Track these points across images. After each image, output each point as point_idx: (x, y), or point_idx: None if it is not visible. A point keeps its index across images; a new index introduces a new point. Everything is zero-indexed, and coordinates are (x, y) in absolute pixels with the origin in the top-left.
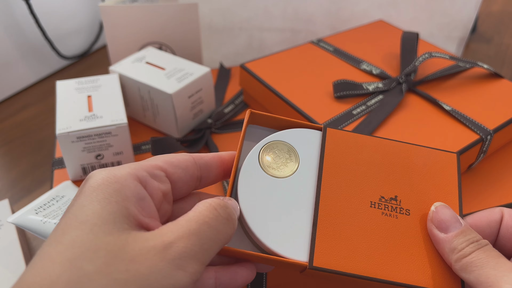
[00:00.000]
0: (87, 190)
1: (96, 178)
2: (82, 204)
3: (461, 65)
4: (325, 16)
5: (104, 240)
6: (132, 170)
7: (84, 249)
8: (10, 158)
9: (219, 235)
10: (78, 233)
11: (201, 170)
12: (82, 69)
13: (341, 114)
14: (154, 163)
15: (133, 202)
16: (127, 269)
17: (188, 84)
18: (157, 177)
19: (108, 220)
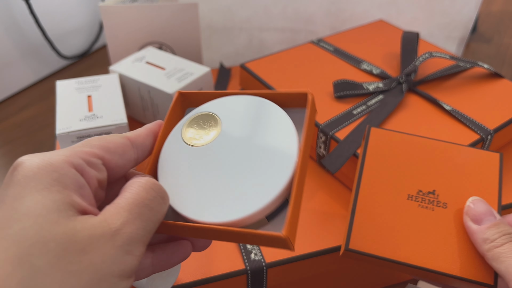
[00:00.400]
0: (22, 180)
1: (30, 166)
2: (19, 195)
3: (461, 65)
4: (325, 16)
5: (51, 231)
6: (68, 158)
7: (32, 243)
8: (10, 158)
9: (158, 214)
10: (22, 226)
11: (138, 152)
12: (82, 69)
13: (341, 114)
14: (90, 150)
15: (74, 190)
16: (79, 260)
17: (188, 84)
18: (93, 165)
19: (53, 209)
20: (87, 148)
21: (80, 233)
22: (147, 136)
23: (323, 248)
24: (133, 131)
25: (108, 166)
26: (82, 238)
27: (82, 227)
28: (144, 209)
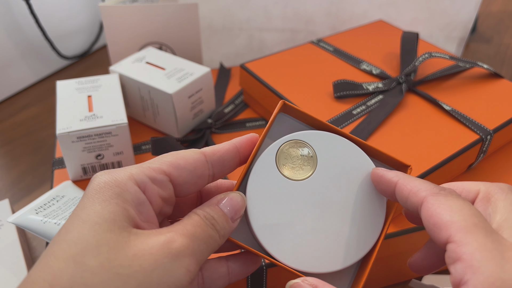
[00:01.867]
0: (90, 192)
1: (99, 181)
2: (84, 205)
3: (461, 65)
4: (325, 16)
5: (105, 236)
6: (133, 175)
7: (87, 245)
8: (10, 158)
9: (210, 239)
10: (80, 231)
11: (214, 168)
12: (82, 69)
13: (341, 114)
14: (158, 166)
15: (132, 206)
16: (130, 264)
17: (188, 84)
18: (158, 182)
19: (109, 219)
20: (155, 164)
21: (133, 241)
22: (228, 152)
23: None
24: (213, 146)
25: (175, 182)
26: (135, 245)
27: (135, 236)
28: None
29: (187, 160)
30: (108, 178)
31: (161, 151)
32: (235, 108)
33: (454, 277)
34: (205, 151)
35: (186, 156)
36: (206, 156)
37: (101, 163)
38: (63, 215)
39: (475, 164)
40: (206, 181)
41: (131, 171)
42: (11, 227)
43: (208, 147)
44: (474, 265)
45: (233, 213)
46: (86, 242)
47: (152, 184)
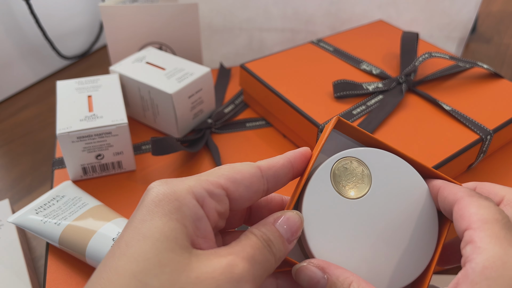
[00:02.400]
0: (149, 205)
1: (157, 192)
2: (144, 219)
3: (461, 65)
4: (325, 16)
5: (168, 256)
6: (192, 188)
7: (149, 264)
8: (10, 158)
9: (267, 262)
10: (141, 247)
11: (269, 183)
12: (82, 69)
13: (341, 114)
14: (216, 180)
15: (190, 221)
16: (193, 286)
17: (188, 84)
18: (215, 197)
19: (170, 237)
20: (213, 177)
21: (195, 262)
22: (282, 167)
23: None
24: (268, 160)
25: (231, 197)
26: (197, 266)
27: (196, 258)
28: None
29: (244, 174)
30: (167, 190)
31: (161, 151)
32: (235, 108)
33: (463, 258)
34: (261, 166)
35: (243, 171)
36: (262, 171)
37: (101, 163)
38: (63, 215)
39: (475, 164)
40: (260, 196)
41: (189, 184)
42: (11, 227)
43: (264, 161)
44: (481, 246)
45: (290, 234)
46: (148, 260)
47: (210, 198)
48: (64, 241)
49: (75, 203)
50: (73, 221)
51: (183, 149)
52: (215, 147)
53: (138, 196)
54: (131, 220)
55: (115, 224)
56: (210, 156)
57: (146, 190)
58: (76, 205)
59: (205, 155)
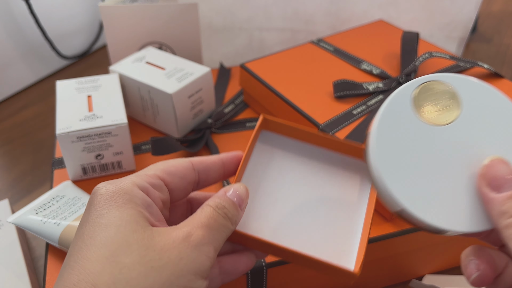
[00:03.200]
0: (101, 201)
1: (105, 190)
2: (100, 213)
3: (461, 65)
4: (325, 16)
5: (133, 236)
6: (135, 182)
7: (117, 246)
8: (10, 158)
9: (223, 227)
10: (106, 234)
11: (200, 175)
12: (82, 69)
13: (341, 114)
14: (153, 173)
15: (144, 208)
16: (160, 257)
17: (188, 84)
18: (157, 187)
19: (130, 221)
20: (151, 171)
21: (157, 237)
22: (213, 164)
23: None
24: (201, 157)
25: (169, 187)
26: (159, 240)
27: (157, 233)
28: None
29: (177, 167)
30: (114, 187)
31: (161, 151)
32: (235, 108)
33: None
34: (192, 160)
35: (176, 164)
36: (193, 164)
37: (101, 163)
38: (62, 215)
39: None
40: (192, 187)
41: (132, 179)
42: (11, 227)
43: (196, 157)
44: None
45: (240, 201)
46: (116, 243)
47: (152, 188)
48: (64, 241)
49: (74, 203)
50: (72, 221)
51: (183, 149)
52: (215, 147)
53: None
54: (86, 219)
55: None
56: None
57: (93, 192)
58: (75, 205)
59: (205, 155)
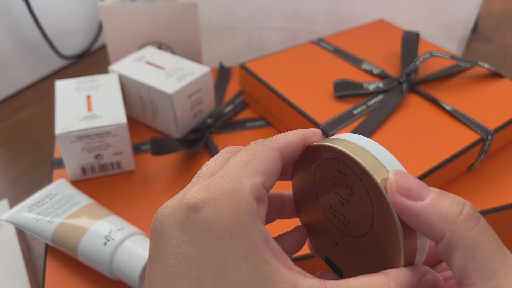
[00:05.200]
0: (221, 245)
1: (222, 225)
2: (225, 264)
3: (461, 64)
4: (325, 15)
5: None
6: (251, 208)
7: None
8: (9, 158)
9: None
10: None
11: (284, 165)
12: (82, 69)
13: (342, 114)
14: (258, 181)
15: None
16: None
17: (188, 84)
18: (262, 201)
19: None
20: (255, 178)
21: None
22: (297, 147)
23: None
24: (284, 139)
25: (267, 190)
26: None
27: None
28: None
29: (273, 165)
30: (230, 219)
31: (160, 151)
32: (235, 108)
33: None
34: (280, 148)
35: (271, 160)
36: (281, 154)
37: (100, 163)
38: (55, 213)
39: (476, 164)
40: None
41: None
42: (10, 227)
43: (280, 139)
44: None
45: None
46: None
47: (259, 205)
48: (57, 239)
49: (68, 201)
50: (65, 219)
51: (182, 149)
52: (214, 147)
53: (138, 196)
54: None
55: (107, 221)
56: (210, 156)
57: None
58: (69, 203)
59: (204, 155)
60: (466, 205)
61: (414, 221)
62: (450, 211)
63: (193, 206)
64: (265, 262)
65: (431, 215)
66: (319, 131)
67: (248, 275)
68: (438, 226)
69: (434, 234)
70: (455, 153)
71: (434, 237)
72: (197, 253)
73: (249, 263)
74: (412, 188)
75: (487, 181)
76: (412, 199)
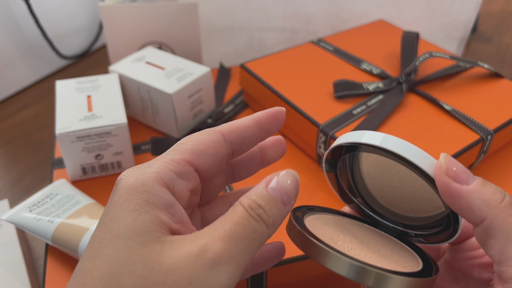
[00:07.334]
0: (118, 200)
1: (125, 185)
2: (114, 216)
3: (461, 65)
4: (325, 16)
5: (139, 253)
6: (159, 174)
7: (121, 264)
8: (10, 158)
9: (255, 234)
10: (113, 247)
11: (233, 145)
12: (82, 69)
13: (341, 114)
14: (181, 157)
15: (163, 210)
16: (164, 281)
17: (188, 84)
18: (184, 176)
19: (141, 232)
20: (177, 155)
21: (167, 253)
22: (247, 128)
23: None
24: (231, 122)
25: (199, 170)
26: (168, 258)
27: (169, 247)
28: (238, 227)
29: (207, 143)
30: (135, 181)
31: (161, 151)
32: (235, 108)
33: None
34: (222, 130)
35: (205, 140)
36: (224, 135)
37: (100, 163)
38: (56, 212)
39: (475, 164)
40: (225, 160)
41: (156, 170)
42: (10, 227)
43: (226, 124)
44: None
45: (285, 196)
46: (120, 260)
47: (179, 179)
48: (57, 239)
49: (68, 201)
50: (66, 218)
51: None
52: None
53: None
54: (103, 217)
55: None
56: None
57: (116, 182)
58: (69, 203)
59: None
60: (507, 195)
61: (457, 202)
62: (493, 197)
63: (120, 177)
64: (153, 217)
65: (476, 199)
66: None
67: (127, 225)
68: (480, 210)
69: (475, 217)
70: (455, 153)
71: (474, 219)
72: (106, 211)
73: (133, 214)
74: (460, 173)
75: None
76: (458, 182)
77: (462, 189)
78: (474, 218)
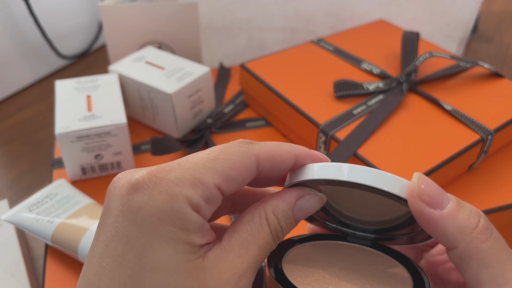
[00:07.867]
0: (149, 225)
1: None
2: (148, 243)
3: (461, 64)
4: (325, 15)
5: (186, 285)
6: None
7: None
8: (9, 158)
9: (268, 252)
10: (158, 281)
11: (261, 172)
12: (82, 69)
13: (342, 114)
14: (212, 179)
15: (196, 234)
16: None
17: (188, 84)
18: (211, 201)
19: (184, 263)
20: (208, 177)
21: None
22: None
23: None
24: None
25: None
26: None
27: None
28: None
29: (240, 170)
30: (164, 204)
31: (160, 151)
32: (235, 108)
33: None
34: (259, 155)
35: (239, 165)
36: (259, 163)
37: (100, 163)
38: (55, 213)
39: (476, 164)
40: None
41: (186, 194)
42: (10, 227)
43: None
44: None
45: (303, 216)
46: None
47: (206, 205)
48: (57, 239)
49: (68, 201)
50: (65, 219)
51: (182, 149)
52: None
53: None
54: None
55: None
56: None
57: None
58: (69, 203)
59: None
60: (482, 218)
61: (431, 227)
62: (467, 224)
63: (135, 186)
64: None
65: (449, 226)
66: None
67: (169, 256)
68: (454, 237)
69: (448, 243)
70: (455, 153)
71: (448, 245)
72: (126, 229)
73: (172, 244)
74: (433, 196)
75: (487, 181)
76: (432, 207)
77: (435, 215)
78: (448, 244)
